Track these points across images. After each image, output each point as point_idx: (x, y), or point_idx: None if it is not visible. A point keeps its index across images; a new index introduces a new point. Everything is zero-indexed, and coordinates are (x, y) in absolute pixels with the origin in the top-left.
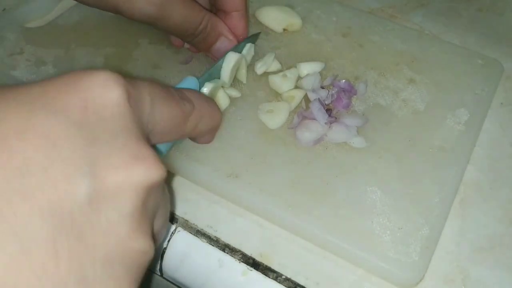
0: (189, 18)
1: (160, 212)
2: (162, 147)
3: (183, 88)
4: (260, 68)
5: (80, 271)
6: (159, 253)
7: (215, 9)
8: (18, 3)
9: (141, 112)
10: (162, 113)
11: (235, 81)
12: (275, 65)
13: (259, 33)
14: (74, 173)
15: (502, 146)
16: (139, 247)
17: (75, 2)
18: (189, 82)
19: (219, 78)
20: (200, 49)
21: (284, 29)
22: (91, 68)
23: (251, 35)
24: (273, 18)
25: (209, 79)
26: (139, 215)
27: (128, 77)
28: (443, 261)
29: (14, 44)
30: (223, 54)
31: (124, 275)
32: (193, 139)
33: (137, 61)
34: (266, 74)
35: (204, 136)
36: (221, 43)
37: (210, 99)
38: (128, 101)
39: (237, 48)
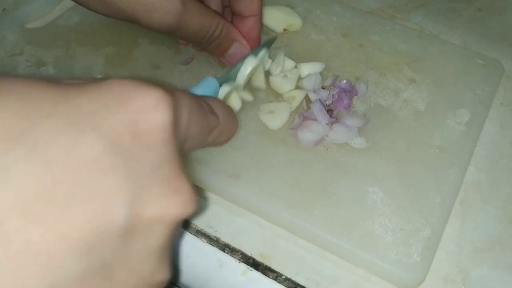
0: (206, 25)
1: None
2: None
3: (208, 98)
4: (276, 70)
5: None
6: None
7: (231, 13)
8: (18, 4)
9: (180, 129)
10: (195, 131)
11: (250, 86)
12: (288, 64)
13: (275, 38)
14: (114, 206)
15: (502, 146)
16: (160, 279)
17: (75, 2)
18: (210, 83)
19: (234, 81)
20: (214, 55)
21: (285, 29)
22: (139, 80)
23: (267, 40)
24: (273, 18)
25: (227, 81)
26: (165, 250)
27: (170, 90)
28: (443, 261)
29: (14, 44)
30: (237, 60)
31: None
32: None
33: (137, 61)
34: (266, 74)
35: (217, 146)
36: (235, 49)
37: (231, 111)
38: (174, 126)
39: (254, 53)
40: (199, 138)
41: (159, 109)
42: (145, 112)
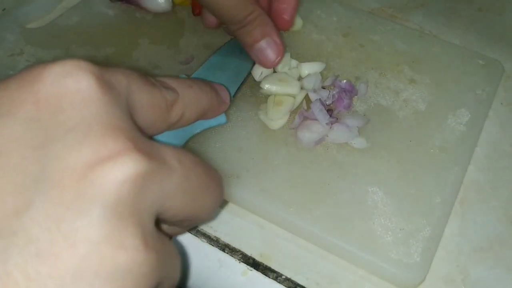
0: (241, 5)
1: (174, 197)
2: (176, 141)
3: (162, 77)
4: (283, 69)
5: None
6: None
7: None
8: (18, 4)
9: (117, 96)
10: (142, 99)
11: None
12: (293, 63)
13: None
14: (25, 182)
15: (502, 146)
16: (121, 255)
17: (75, 2)
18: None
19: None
20: (244, 43)
21: None
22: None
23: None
24: None
25: (207, 74)
26: (117, 218)
27: (101, 65)
28: (443, 261)
29: (14, 44)
30: (263, 57)
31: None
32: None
33: (137, 61)
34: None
35: (192, 120)
36: (266, 43)
37: (194, 83)
38: (96, 84)
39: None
40: (155, 115)
41: (69, 72)
42: (48, 79)
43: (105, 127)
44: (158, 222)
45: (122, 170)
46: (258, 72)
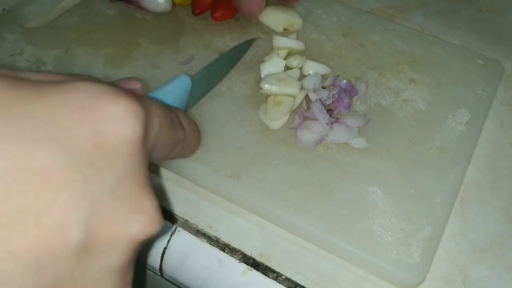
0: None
1: None
2: None
3: (176, 110)
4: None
5: None
6: (158, 253)
7: None
8: (18, 4)
9: (149, 141)
10: (161, 142)
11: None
12: (298, 60)
13: (254, 39)
14: (69, 224)
15: (502, 146)
16: None
17: (75, 2)
18: (182, 81)
19: (216, 78)
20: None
21: (285, 29)
22: (108, 86)
23: (247, 41)
24: (274, 18)
25: (202, 80)
26: (126, 270)
27: (141, 100)
28: (443, 261)
29: (14, 44)
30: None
31: None
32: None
33: (137, 61)
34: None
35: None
36: None
37: (196, 126)
38: (143, 139)
39: (234, 51)
40: (165, 151)
41: (127, 121)
42: (110, 123)
43: (142, 185)
44: None
45: (145, 230)
46: (266, 71)
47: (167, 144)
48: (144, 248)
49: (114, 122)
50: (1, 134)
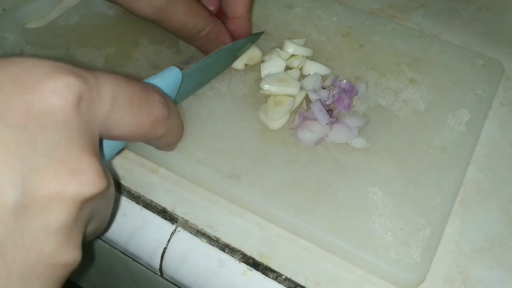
0: (190, 25)
1: (97, 215)
2: (106, 151)
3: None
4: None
5: None
6: (158, 253)
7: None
8: (18, 4)
9: (94, 115)
10: (123, 118)
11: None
12: (299, 59)
13: (262, 33)
14: (3, 184)
15: (502, 146)
16: (64, 260)
17: (75, 2)
18: (171, 73)
19: (214, 71)
20: (200, 50)
21: (246, 65)
22: (48, 59)
23: (253, 34)
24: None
25: (194, 73)
26: (69, 229)
27: (90, 73)
28: (443, 261)
29: (14, 44)
30: None
31: (41, 287)
32: (155, 146)
33: (137, 62)
34: None
35: (163, 148)
36: None
37: (179, 114)
38: (76, 108)
39: (236, 45)
40: (140, 129)
41: (56, 90)
42: (41, 93)
43: (79, 150)
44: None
45: (84, 190)
46: (266, 71)
47: (139, 121)
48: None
49: (44, 91)
50: None
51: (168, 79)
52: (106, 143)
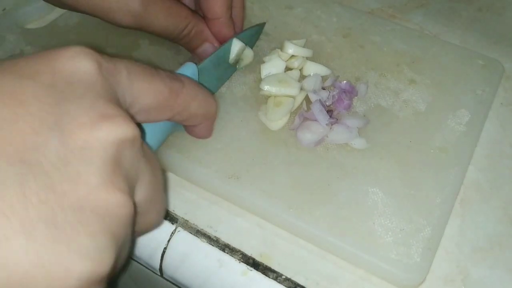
0: (171, 26)
1: (143, 178)
2: (152, 142)
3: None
4: (293, 64)
5: (49, 214)
6: (158, 253)
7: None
8: (18, 4)
9: (116, 83)
10: (143, 87)
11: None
12: (299, 60)
13: (263, 25)
14: (42, 127)
15: (503, 146)
16: (113, 199)
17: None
18: (188, 68)
19: (221, 65)
20: (185, 48)
21: (237, 62)
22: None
23: (255, 26)
24: None
25: (209, 67)
26: (111, 170)
27: (105, 54)
28: (443, 261)
29: (14, 45)
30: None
31: (96, 223)
32: (190, 130)
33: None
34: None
35: (199, 123)
36: (204, 48)
37: (203, 87)
38: (99, 71)
39: (240, 36)
40: (159, 101)
41: (77, 57)
42: (63, 60)
43: (106, 100)
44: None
45: (116, 132)
46: (266, 72)
47: (156, 89)
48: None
49: (67, 59)
50: None
51: (184, 73)
52: (150, 133)
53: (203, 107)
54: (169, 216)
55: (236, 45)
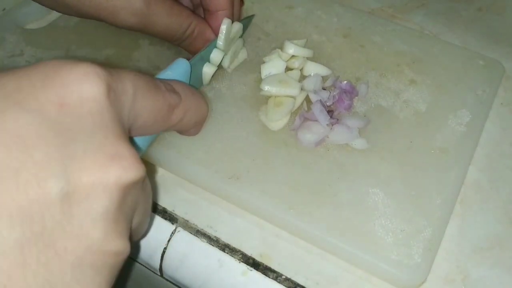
0: (175, 25)
1: (139, 208)
2: (141, 143)
3: (169, 80)
4: (294, 64)
5: (48, 278)
6: (158, 253)
7: (202, 8)
8: (18, 4)
9: (122, 106)
10: (145, 106)
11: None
12: (300, 60)
13: (252, 17)
14: (46, 175)
15: (503, 146)
16: (113, 248)
17: (41, 4)
18: (180, 64)
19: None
20: (188, 51)
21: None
22: (72, 59)
23: (244, 18)
24: None
25: (201, 62)
26: (114, 216)
27: (110, 69)
28: (443, 261)
29: (14, 45)
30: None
31: (95, 277)
32: (179, 131)
33: (137, 62)
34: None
35: (189, 129)
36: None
37: (196, 92)
38: (107, 97)
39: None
40: (156, 118)
41: (87, 80)
42: (72, 85)
43: (115, 136)
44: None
45: (124, 176)
46: (266, 72)
47: (156, 108)
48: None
49: (75, 83)
50: None
51: (177, 70)
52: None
53: (197, 116)
54: (169, 216)
55: (224, 24)
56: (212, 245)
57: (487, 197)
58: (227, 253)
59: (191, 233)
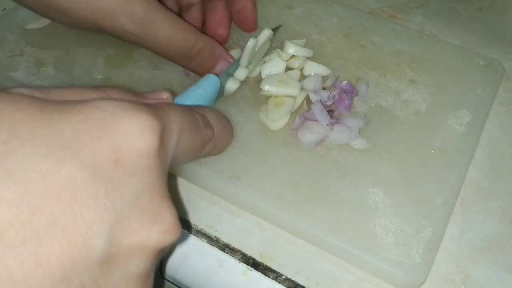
0: (178, 40)
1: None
2: None
3: (204, 108)
4: (294, 64)
5: None
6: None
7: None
8: (18, 4)
9: (168, 156)
10: (185, 147)
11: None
12: (300, 60)
13: (279, 26)
14: (93, 235)
15: (503, 146)
16: None
17: (35, 12)
18: (211, 81)
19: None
20: (199, 74)
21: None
22: (123, 102)
23: (272, 28)
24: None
25: (225, 76)
26: (147, 276)
27: (160, 110)
28: (443, 261)
29: (14, 45)
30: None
31: None
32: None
33: (137, 62)
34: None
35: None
36: (222, 67)
37: (227, 122)
38: (159, 151)
39: (254, 35)
40: (192, 154)
41: (144, 135)
42: (128, 139)
43: (161, 196)
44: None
45: (164, 240)
46: (266, 72)
47: (192, 147)
48: (164, 256)
49: (132, 137)
50: (30, 154)
51: (208, 88)
52: None
53: (223, 146)
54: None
55: (251, 42)
56: (212, 245)
57: (487, 197)
58: (227, 253)
59: (191, 233)
